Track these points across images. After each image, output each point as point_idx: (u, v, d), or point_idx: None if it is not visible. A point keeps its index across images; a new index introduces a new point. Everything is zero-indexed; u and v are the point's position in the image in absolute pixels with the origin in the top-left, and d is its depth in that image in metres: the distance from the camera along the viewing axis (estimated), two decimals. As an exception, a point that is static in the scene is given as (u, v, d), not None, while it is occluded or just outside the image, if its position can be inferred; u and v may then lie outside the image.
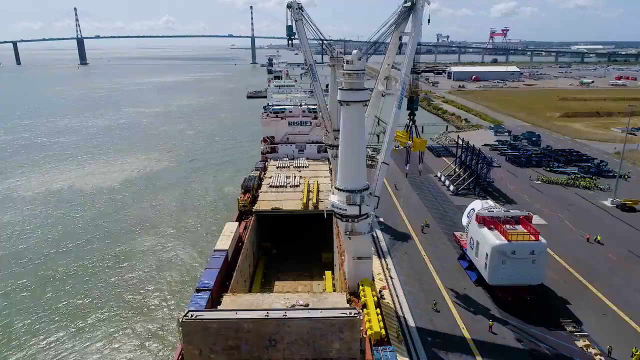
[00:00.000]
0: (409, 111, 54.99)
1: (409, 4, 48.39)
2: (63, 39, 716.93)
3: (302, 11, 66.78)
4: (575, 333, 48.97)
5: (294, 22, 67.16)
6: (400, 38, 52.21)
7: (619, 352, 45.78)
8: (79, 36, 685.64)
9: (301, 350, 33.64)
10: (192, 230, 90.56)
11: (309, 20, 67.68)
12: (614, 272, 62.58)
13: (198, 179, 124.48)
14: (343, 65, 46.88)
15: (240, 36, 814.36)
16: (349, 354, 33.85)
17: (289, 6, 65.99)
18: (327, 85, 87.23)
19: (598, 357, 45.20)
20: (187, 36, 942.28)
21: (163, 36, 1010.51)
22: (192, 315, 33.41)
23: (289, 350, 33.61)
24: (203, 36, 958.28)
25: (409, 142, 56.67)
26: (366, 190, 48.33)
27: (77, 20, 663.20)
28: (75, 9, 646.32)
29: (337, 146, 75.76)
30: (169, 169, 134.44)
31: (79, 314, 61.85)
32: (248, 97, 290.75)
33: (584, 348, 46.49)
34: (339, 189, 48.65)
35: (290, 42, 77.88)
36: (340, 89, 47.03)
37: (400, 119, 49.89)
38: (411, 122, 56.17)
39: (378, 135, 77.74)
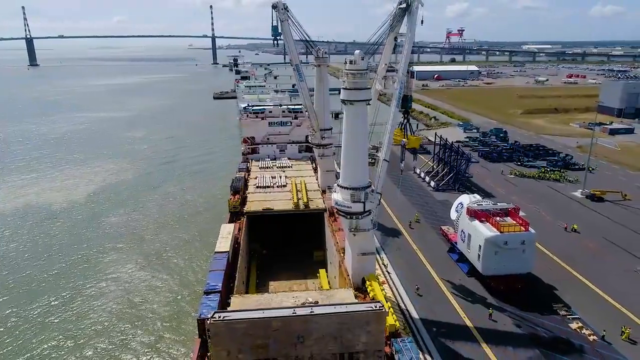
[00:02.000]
0: (403, 110, 56.65)
1: (403, 5, 49.88)
2: (11, 39, 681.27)
3: (288, 12, 67.16)
4: (568, 316, 52.03)
5: (279, 22, 67.48)
6: (395, 39, 53.72)
7: (608, 331, 48.96)
8: (28, 36, 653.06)
9: (329, 346, 34.23)
10: (170, 244, 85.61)
11: (294, 21, 68.16)
12: (593, 258, 66.67)
13: (171, 188, 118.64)
14: (346, 65, 47.74)
15: (201, 36, 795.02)
16: (375, 346, 34.79)
17: (274, 7, 66.22)
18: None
19: (592, 337, 48.26)
20: (144, 36, 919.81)
21: (118, 36, 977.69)
22: (219, 317, 33.34)
23: (317, 347, 34.13)
24: (161, 36, 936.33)
25: (404, 139, 58.45)
26: (369, 187, 49.42)
27: (25, 19, 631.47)
28: (23, 7, 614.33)
29: (323, 145, 77.74)
30: (137, 179, 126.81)
31: (73, 334, 59.35)
32: (215, 98, 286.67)
33: (578, 330, 49.54)
34: (342, 187, 49.40)
35: (275, 42, 78.05)
36: (343, 88, 47.89)
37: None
38: (405, 121, 57.94)
39: None
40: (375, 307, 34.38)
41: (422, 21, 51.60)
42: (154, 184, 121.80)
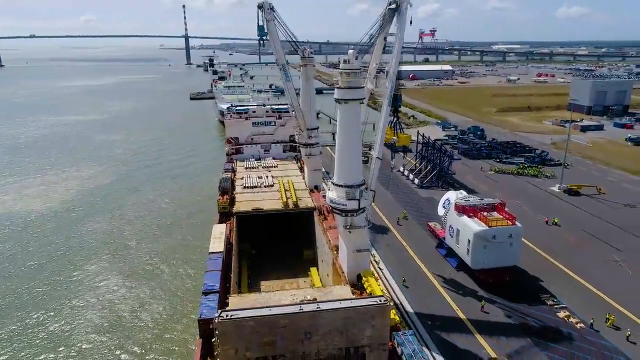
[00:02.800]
0: (393, 109, 57.63)
1: (393, 6, 50.87)
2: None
3: (274, 12, 67.36)
4: (555, 306, 54.09)
5: (265, 22, 67.61)
6: (385, 39, 54.66)
7: (593, 319, 51.12)
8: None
9: (335, 341, 34.78)
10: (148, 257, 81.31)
11: (280, 22, 68.41)
12: (575, 250, 69.36)
13: (153, 192, 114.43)
14: (340, 65, 48.37)
15: (179, 36, 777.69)
16: (379, 340, 35.53)
17: (259, 7, 66.34)
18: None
19: (579, 325, 50.35)
20: (116, 36, 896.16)
21: (92, 36, 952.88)
22: (226, 315, 33.43)
23: (323, 342, 34.61)
24: (134, 36, 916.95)
25: (394, 137, 59.51)
26: (363, 185, 50.18)
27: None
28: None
29: (310, 145, 78.19)
30: (117, 183, 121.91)
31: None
32: (191, 98, 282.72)
33: (565, 319, 51.58)
34: (337, 185, 49.97)
35: (261, 42, 78.06)
36: (337, 87, 48.50)
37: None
38: (395, 119, 58.93)
39: None
40: (380, 301, 35.13)
41: (411, 21, 52.86)
42: (135, 188, 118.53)
